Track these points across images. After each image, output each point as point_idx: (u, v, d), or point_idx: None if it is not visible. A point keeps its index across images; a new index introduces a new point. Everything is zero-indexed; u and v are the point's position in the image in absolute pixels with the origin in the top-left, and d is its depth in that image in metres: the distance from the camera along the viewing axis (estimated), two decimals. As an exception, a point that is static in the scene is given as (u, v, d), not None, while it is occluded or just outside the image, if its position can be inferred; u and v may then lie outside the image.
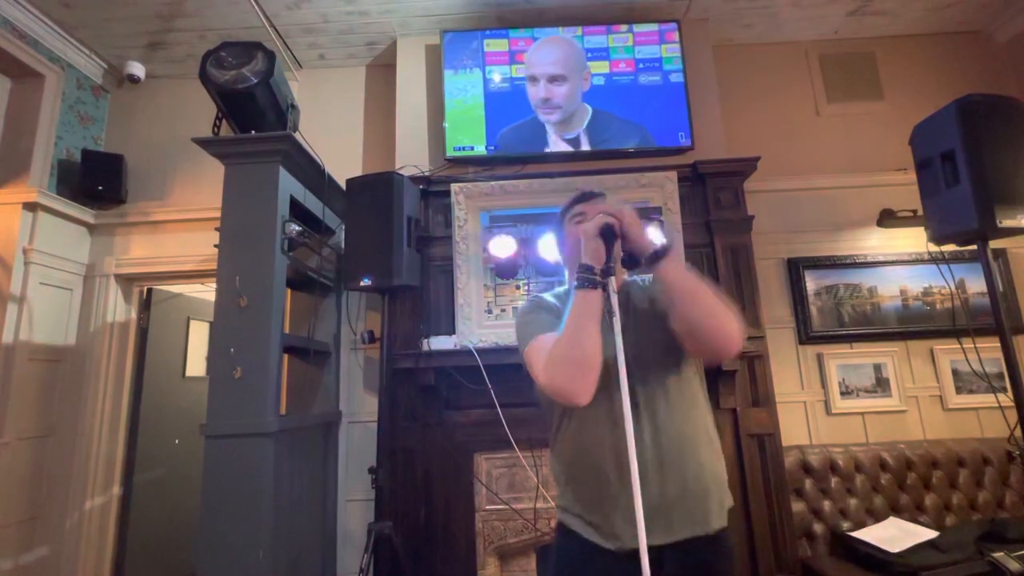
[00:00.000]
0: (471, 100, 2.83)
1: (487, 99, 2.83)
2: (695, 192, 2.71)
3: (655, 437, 1.14)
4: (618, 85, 2.84)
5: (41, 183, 2.75)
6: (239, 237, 2.10)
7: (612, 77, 2.84)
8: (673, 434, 1.14)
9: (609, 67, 2.85)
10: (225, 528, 1.88)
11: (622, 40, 2.87)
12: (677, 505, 1.11)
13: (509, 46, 2.87)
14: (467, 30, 2.90)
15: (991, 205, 1.62)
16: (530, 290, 2.62)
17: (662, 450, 1.13)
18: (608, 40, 2.86)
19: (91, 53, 3.03)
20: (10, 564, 2.51)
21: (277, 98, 2.21)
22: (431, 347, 2.49)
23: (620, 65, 2.85)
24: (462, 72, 2.85)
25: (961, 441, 2.59)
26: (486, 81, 2.85)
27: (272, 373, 2.01)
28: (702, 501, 1.13)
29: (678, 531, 1.11)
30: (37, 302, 2.69)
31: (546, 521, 2.37)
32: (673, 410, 1.16)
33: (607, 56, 2.86)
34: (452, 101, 2.83)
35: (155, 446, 3.03)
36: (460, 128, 2.80)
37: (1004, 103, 1.73)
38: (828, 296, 2.86)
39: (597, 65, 2.85)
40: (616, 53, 2.86)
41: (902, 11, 3.01)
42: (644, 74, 2.85)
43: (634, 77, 2.85)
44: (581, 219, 1.26)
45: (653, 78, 2.84)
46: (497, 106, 2.83)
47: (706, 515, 1.13)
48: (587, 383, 1.06)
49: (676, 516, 1.11)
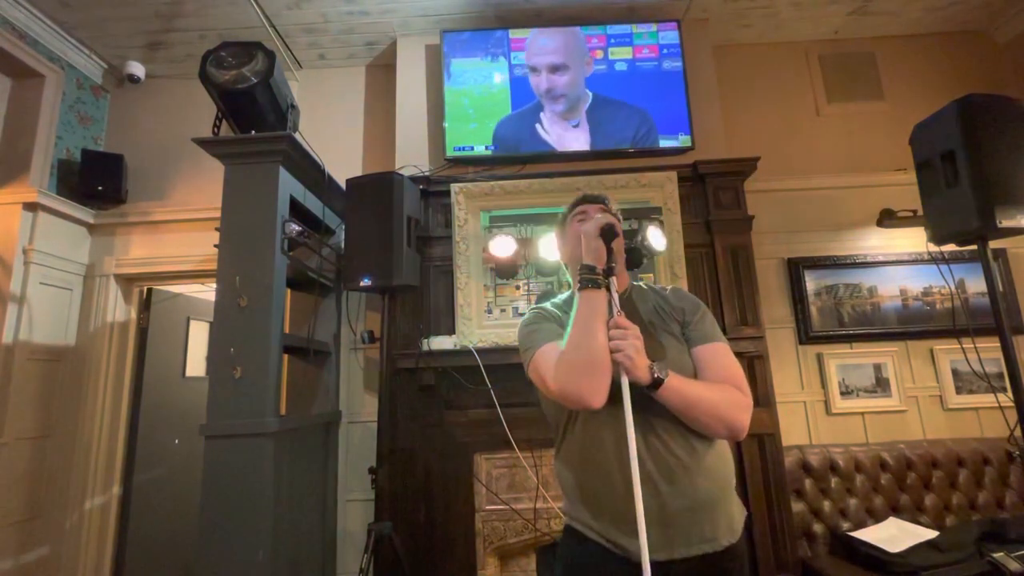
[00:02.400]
0: (496, 88, 2.84)
1: (512, 85, 2.84)
2: (695, 192, 2.71)
3: (665, 446, 1.11)
4: (619, 72, 2.85)
5: (41, 183, 2.76)
6: (239, 237, 2.10)
7: (613, 64, 2.85)
8: (681, 443, 1.11)
9: (608, 55, 2.86)
10: (225, 528, 1.88)
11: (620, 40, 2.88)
12: (685, 519, 1.08)
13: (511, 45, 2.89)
14: (471, 29, 2.90)
15: (991, 205, 1.61)
16: (530, 290, 2.62)
17: (670, 462, 1.10)
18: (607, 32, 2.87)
19: (91, 53, 3.03)
20: (10, 564, 2.51)
21: (277, 98, 2.21)
22: (431, 347, 2.49)
23: (620, 52, 2.86)
24: (486, 60, 2.85)
25: (961, 441, 2.59)
26: (511, 67, 2.85)
27: (272, 373, 2.01)
28: (711, 515, 1.10)
29: (685, 547, 1.08)
30: (37, 302, 2.69)
31: (546, 521, 2.37)
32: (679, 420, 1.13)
33: (606, 45, 2.87)
34: (471, 88, 2.83)
35: (155, 446, 3.03)
36: (481, 116, 2.81)
37: (1004, 103, 1.72)
38: (828, 296, 2.86)
39: (597, 54, 2.86)
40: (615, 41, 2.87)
41: (902, 11, 3.01)
42: (644, 62, 2.86)
43: (634, 62, 2.85)
44: (583, 218, 1.26)
45: (653, 64, 2.86)
46: (521, 92, 2.84)
47: (715, 531, 1.10)
48: (599, 384, 1.05)
49: (684, 531, 1.08)
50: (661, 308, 1.27)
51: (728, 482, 1.17)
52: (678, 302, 1.27)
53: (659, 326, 1.23)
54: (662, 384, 1.06)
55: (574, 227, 1.27)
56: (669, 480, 1.09)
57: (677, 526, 1.08)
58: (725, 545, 1.11)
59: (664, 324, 1.23)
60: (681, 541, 1.08)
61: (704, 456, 1.12)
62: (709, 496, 1.11)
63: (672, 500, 1.08)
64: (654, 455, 1.10)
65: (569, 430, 1.21)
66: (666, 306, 1.26)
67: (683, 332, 1.21)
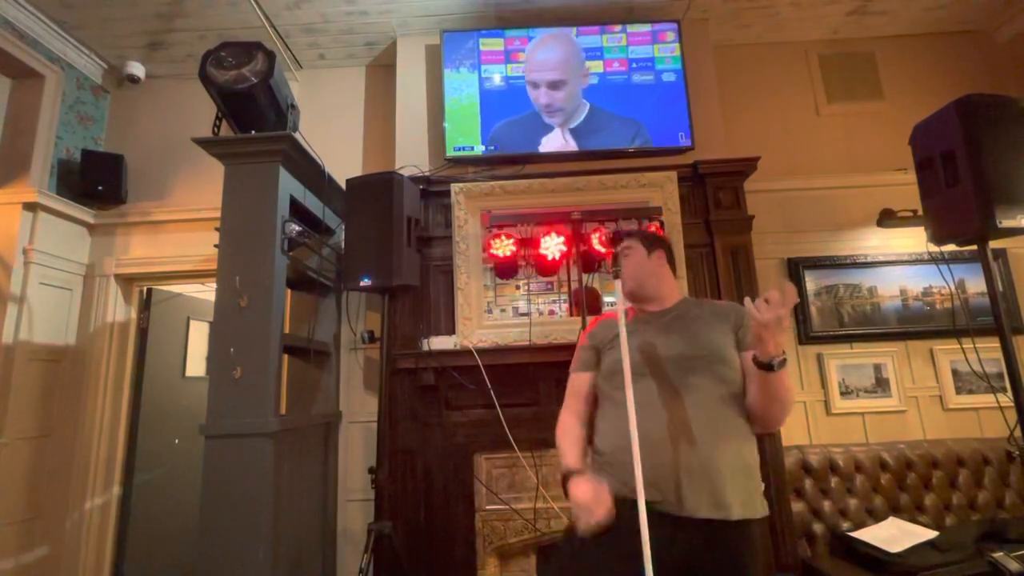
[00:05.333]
0: (466, 100, 2.84)
1: (482, 98, 2.84)
2: (695, 192, 2.71)
3: (693, 416, 1.28)
4: (612, 84, 2.84)
5: (41, 183, 2.75)
6: (239, 237, 2.10)
7: (606, 76, 2.85)
8: (708, 415, 1.28)
9: (603, 67, 2.86)
10: (225, 528, 1.88)
11: (616, 40, 2.88)
12: (696, 480, 1.22)
13: (505, 45, 2.88)
14: (464, 30, 2.90)
15: (991, 205, 1.62)
16: (530, 290, 2.62)
17: (693, 431, 1.26)
18: (602, 40, 2.87)
19: (91, 53, 3.03)
20: (10, 564, 2.51)
21: (277, 98, 2.21)
22: (431, 347, 2.49)
23: (614, 65, 2.86)
24: (459, 71, 2.86)
25: (961, 441, 2.59)
26: (481, 80, 2.85)
27: (272, 373, 2.01)
28: (721, 484, 1.22)
29: (693, 507, 1.21)
30: (37, 302, 2.69)
31: (546, 521, 2.37)
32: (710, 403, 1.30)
33: (600, 56, 2.87)
34: (450, 100, 2.84)
35: (155, 446, 3.03)
36: (458, 127, 2.81)
37: (1004, 103, 1.72)
38: (828, 296, 2.86)
39: (592, 64, 2.86)
40: (610, 53, 2.87)
41: (902, 11, 3.01)
42: (637, 73, 2.85)
43: (627, 76, 2.85)
44: (628, 253, 1.53)
45: (646, 77, 2.85)
46: (492, 105, 2.83)
47: (723, 499, 1.22)
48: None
49: (693, 491, 1.22)
50: (715, 312, 1.46)
51: (747, 463, 1.30)
52: (732, 311, 1.46)
53: (710, 323, 1.42)
54: (783, 365, 1.23)
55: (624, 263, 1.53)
56: (690, 445, 1.25)
57: (686, 484, 1.22)
58: (736, 517, 1.22)
59: (715, 322, 1.42)
60: (690, 500, 1.22)
61: (728, 433, 1.28)
62: (726, 468, 1.24)
63: (688, 460, 1.24)
64: (682, 419, 1.27)
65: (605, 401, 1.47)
66: (721, 312, 1.45)
67: (735, 333, 1.41)
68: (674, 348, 1.37)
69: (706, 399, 1.30)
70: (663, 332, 1.42)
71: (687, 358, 1.35)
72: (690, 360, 1.34)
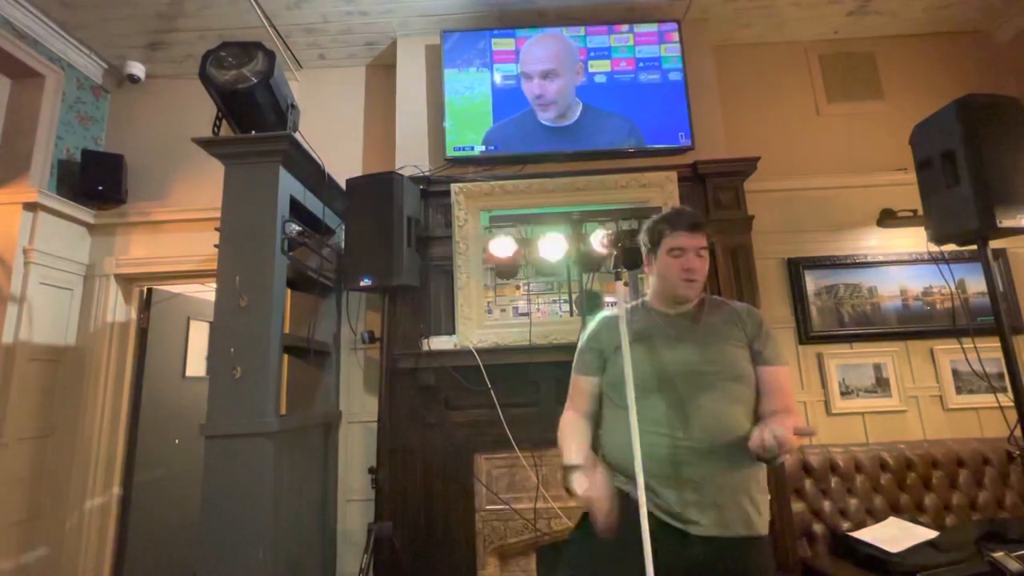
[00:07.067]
0: (478, 98, 2.84)
1: (495, 96, 2.84)
2: (695, 192, 2.71)
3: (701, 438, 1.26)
4: (618, 83, 2.84)
5: (41, 183, 2.75)
6: (239, 237, 2.10)
7: (614, 76, 2.85)
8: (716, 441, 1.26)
9: (610, 66, 2.86)
10: (225, 528, 1.88)
11: (623, 40, 2.87)
12: (704, 499, 1.24)
13: (516, 45, 2.88)
14: (470, 30, 2.90)
15: (991, 205, 1.62)
16: (530, 290, 2.62)
17: (702, 451, 1.25)
18: (610, 40, 2.87)
19: (91, 53, 3.03)
20: (10, 564, 2.51)
21: (277, 98, 2.21)
22: (431, 347, 2.49)
23: (621, 64, 2.86)
24: (468, 71, 2.86)
25: (961, 441, 2.59)
26: (493, 80, 2.85)
27: (272, 373, 2.01)
28: (730, 504, 1.25)
29: (702, 525, 1.23)
30: (37, 302, 2.69)
31: (546, 521, 2.37)
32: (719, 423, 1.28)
33: (608, 55, 2.87)
34: (458, 99, 2.83)
35: (155, 446, 3.02)
36: (468, 124, 2.81)
37: (1004, 103, 1.72)
38: (828, 296, 2.86)
39: (599, 64, 2.86)
40: (618, 52, 2.87)
41: (902, 11, 3.01)
42: (644, 72, 2.85)
43: (634, 76, 2.85)
44: (679, 254, 1.39)
45: (652, 77, 2.85)
46: (503, 103, 2.83)
47: (732, 518, 1.24)
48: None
49: (702, 509, 1.23)
50: (731, 320, 1.42)
51: (758, 482, 1.31)
52: (748, 318, 1.43)
53: (725, 334, 1.39)
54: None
55: (663, 262, 1.41)
56: (698, 462, 1.25)
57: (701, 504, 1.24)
58: (744, 535, 1.24)
59: (730, 333, 1.39)
60: (701, 519, 1.23)
61: (738, 454, 1.25)
62: (735, 487, 1.26)
63: (699, 479, 1.25)
64: (690, 438, 1.26)
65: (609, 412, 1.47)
66: (737, 320, 1.42)
67: (750, 345, 1.39)
68: (686, 363, 1.33)
69: (716, 419, 1.28)
70: (676, 343, 1.37)
71: (699, 373, 1.32)
72: (702, 376, 1.31)
